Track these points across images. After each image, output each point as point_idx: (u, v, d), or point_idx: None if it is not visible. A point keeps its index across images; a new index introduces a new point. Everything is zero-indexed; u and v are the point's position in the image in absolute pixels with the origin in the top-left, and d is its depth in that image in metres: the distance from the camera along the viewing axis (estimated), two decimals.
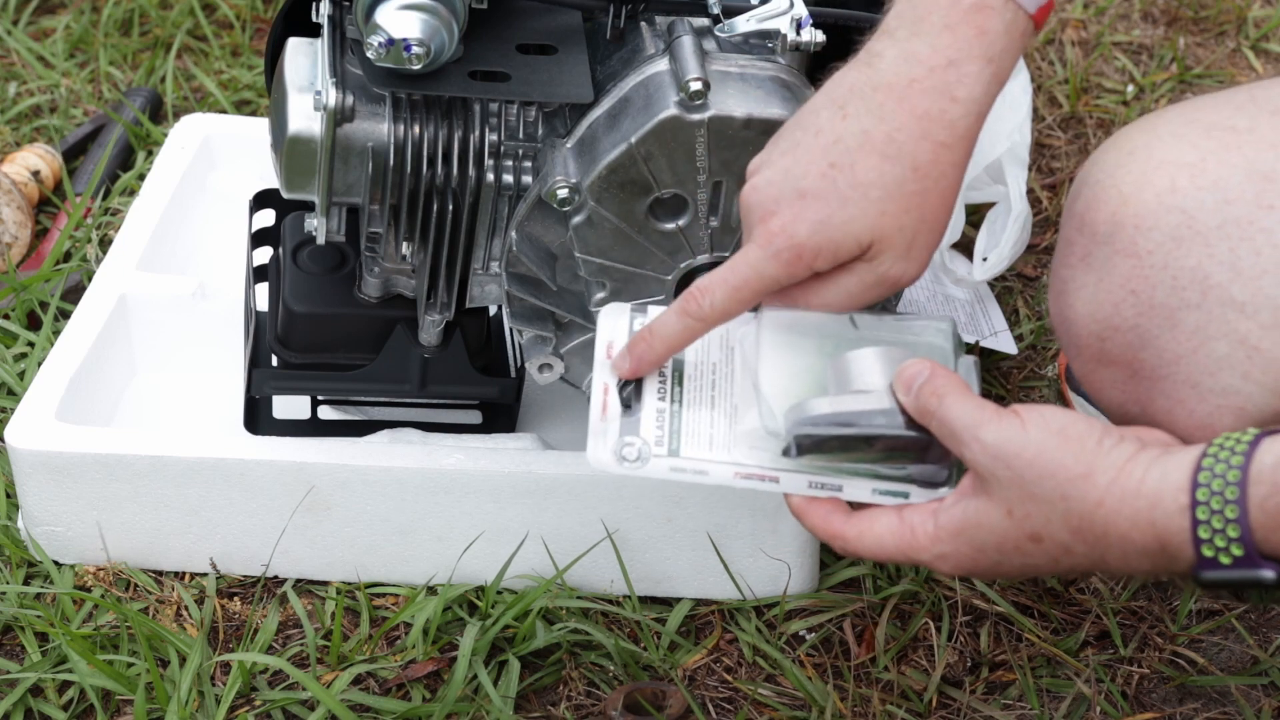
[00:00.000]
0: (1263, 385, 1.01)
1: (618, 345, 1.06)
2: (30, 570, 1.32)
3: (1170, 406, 1.04)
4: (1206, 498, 0.88)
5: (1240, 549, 0.87)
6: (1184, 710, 1.26)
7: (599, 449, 1.02)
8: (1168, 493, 0.89)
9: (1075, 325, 1.06)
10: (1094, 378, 1.08)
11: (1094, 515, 0.91)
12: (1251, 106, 1.04)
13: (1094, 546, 0.92)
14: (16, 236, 1.64)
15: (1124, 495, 0.91)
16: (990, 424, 0.94)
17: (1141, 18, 2.05)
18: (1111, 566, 0.93)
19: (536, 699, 1.25)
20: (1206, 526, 0.88)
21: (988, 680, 1.27)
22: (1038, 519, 0.93)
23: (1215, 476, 0.88)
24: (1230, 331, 1.00)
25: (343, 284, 1.31)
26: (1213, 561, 0.88)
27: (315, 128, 1.19)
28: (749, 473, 1.00)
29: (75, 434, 1.30)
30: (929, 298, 1.54)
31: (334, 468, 1.28)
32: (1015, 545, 0.95)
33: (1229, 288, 1.00)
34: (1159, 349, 1.03)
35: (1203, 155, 1.02)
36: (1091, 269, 1.05)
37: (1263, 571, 0.87)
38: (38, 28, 1.99)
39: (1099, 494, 0.91)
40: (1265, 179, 1.00)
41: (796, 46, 1.21)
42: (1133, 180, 1.03)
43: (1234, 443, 0.89)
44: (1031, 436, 0.93)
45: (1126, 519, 0.90)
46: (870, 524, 1.00)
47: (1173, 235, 1.01)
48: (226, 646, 1.28)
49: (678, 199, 1.20)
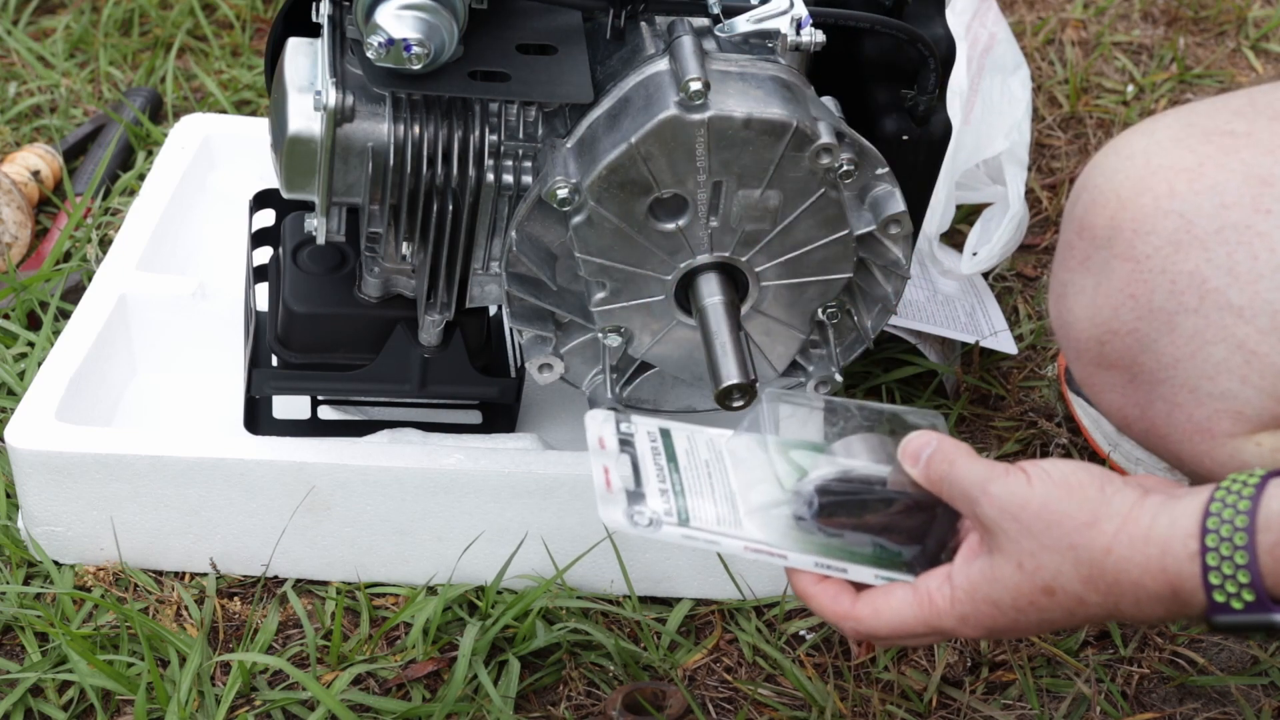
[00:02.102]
0: (1260, 389, 1.01)
1: (608, 439, 1.06)
2: (30, 570, 1.32)
3: (1168, 410, 1.04)
4: (1216, 544, 0.88)
5: (1251, 594, 0.88)
6: (1184, 710, 1.26)
7: (611, 512, 1.02)
8: (1177, 539, 0.90)
9: (1074, 329, 1.07)
10: (1093, 381, 1.08)
11: (1104, 563, 0.92)
12: (1250, 111, 1.04)
13: (1107, 595, 0.92)
14: (16, 236, 1.64)
15: (1133, 542, 0.91)
16: (998, 479, 0.95)
17: (1141, 18, 2.05)
18: (1126, 614, 0.93)
19: (536, 699, 1.25)
20: (1217, 573, 0.88)
21: (988, 680, 1.27)
22: (1048, 570, 0.94)
23: (1224, 523, 0.88)
24: (1228, 336, 1.00)
25: (343, 284, 1.31)
26: (1225, 606, 0.88)
27: (315, 128, 1.19)
28: (758, 548, 1.01)
29: (75, 434, 1.30)
30: (928, 298, 1.54)
31: (334, 468, 1.28)
32: (1030, 600, 0.95)
33: (1226, 292, 1.00)
34: (1157, 353, 1.03)
35: (1200, 160, 1.02)
36: (1090, 273, 1.05)
37: (1274, 616, 0.88)
38: (38, 28, 1.99)
39: (1106, 541, 0.92)
40: (1263, 183, 1.00)
41: (796, 46, 1.21)
42: (1131, 185, 1.03)
43: (1240, 486, 0.90)
44: (1036, 490, 0.94)
45: (1138, 566, 0.91)
46: (885, 599, 1.00)
47: (1171, 240, 1.01)
48: (226, 646, 1.28)
49: (678, 199, 1.20)
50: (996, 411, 1.50)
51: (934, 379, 1.51)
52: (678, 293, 1.24)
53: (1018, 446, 1.46)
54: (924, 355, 1.50)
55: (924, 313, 1.51)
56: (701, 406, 1.35)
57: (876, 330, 1.30)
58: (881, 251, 1.26)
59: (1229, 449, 1.05)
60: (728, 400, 1.18)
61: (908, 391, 1.50)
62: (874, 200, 1.23)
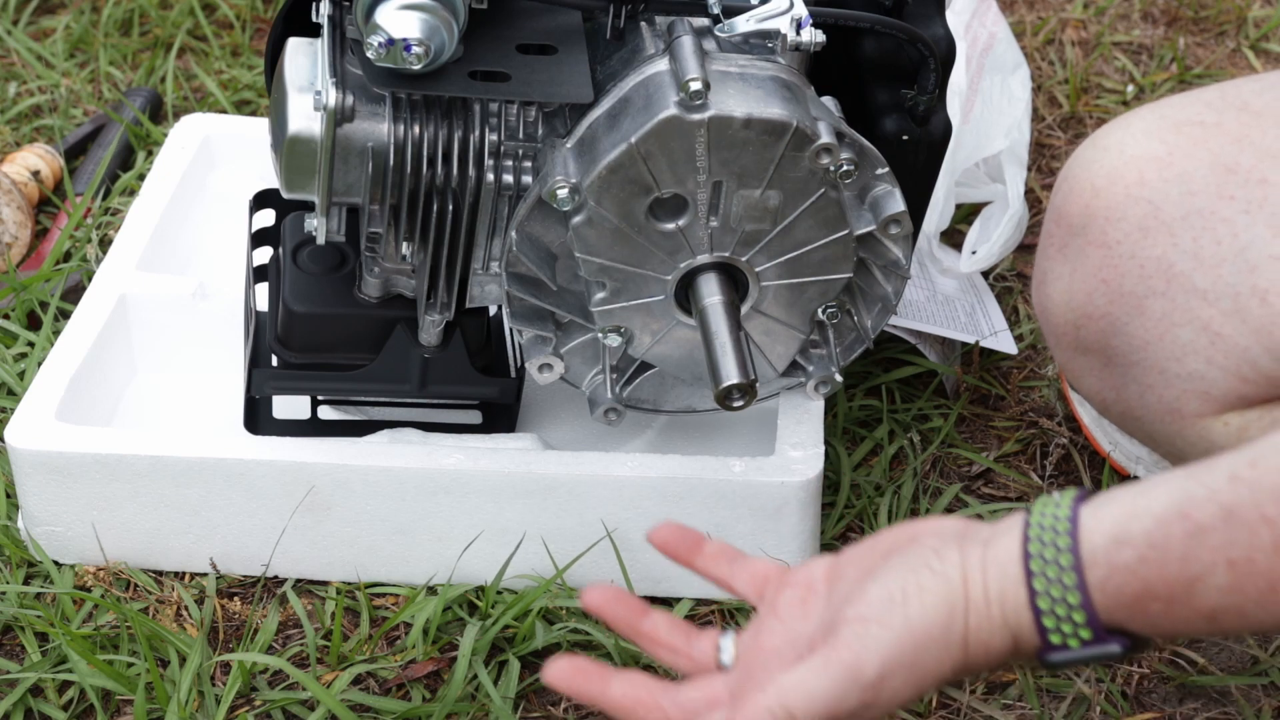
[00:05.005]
0: (1225, 369, 1.04)
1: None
2: (30, 570, 1.32)
3: (1141, 392, 1.07)
4: (1044, 588, 0.86)
5: (1089, 632, 0.86)
6: (1184, 710, 1.26)
7: None
8: (1010, 590, 0.87)
9: (1053, 314, 1.10)
10: (1072, 365, 1.11)
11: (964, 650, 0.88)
12: (1220, 103, 1.08)
13: (961, 670, 0.89)
14: (16, 236, 1.64)
15: (979, 610, 0.87)
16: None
17: (1141, 18, 2.05)
18: (976, 673, 0.91)
19: (536, 699, 1.25)
20: (1050, 616, 0.86)
21: (988, 680, 1.27)
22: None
23: (1047, 563, 0.86)
24: (1194, 318, 1.03)
25: (343, 284, 1.31)
26: (1062, 646, 0.86)
27: (315, 128, 1.19)
28: None
29: (75, 434, 1.30)
30: (928, 298, 1.54)
31: (334, 468, 1.28)
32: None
33: (1192, 276, 1.03)
34: (1128, 336, 1.06)
35: (1170, 150, 1.05)
36: (1067, 260, 1.08)
37: (1110, 647, 0.86)
38: (38, 28, 1.99)
39: (960, 630, 0.88)
40: (1228, 171, 1.03)
41: (796, 46, 1.21)
42: (1105, 174, 1.06)
43: (1052, 520, 0.87)
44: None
45: (987, 633, 0.87)
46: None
47: (1140, 226, 1.05)
48: (226, 646, 1.28)
49: (678, 199, 1.20)
50: (996, 411, 1.50)
51: (934, 379, 1.51)
52: (678, 293, 1.24)
53: (1018, 446, 1.46)
54: (924, 355, 1.50)
55: (924, 312, 1.51)
56: (701, 406, 1.35)
57: (876, 330, 1.30)
58: (881, 251, 1.26)
59: (1198, 429, 1.07)
60: (728, 400, 1.18)
61: (908, 391, 1.50)
62: (874, 200, 1.23)
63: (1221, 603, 0.84)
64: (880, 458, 1.43)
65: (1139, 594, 0.84)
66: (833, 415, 1.44)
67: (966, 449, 1.45)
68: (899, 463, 1.44)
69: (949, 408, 1.49)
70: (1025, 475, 1.43)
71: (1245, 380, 1.04)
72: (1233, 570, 0.83)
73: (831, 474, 1.39)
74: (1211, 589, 0.83)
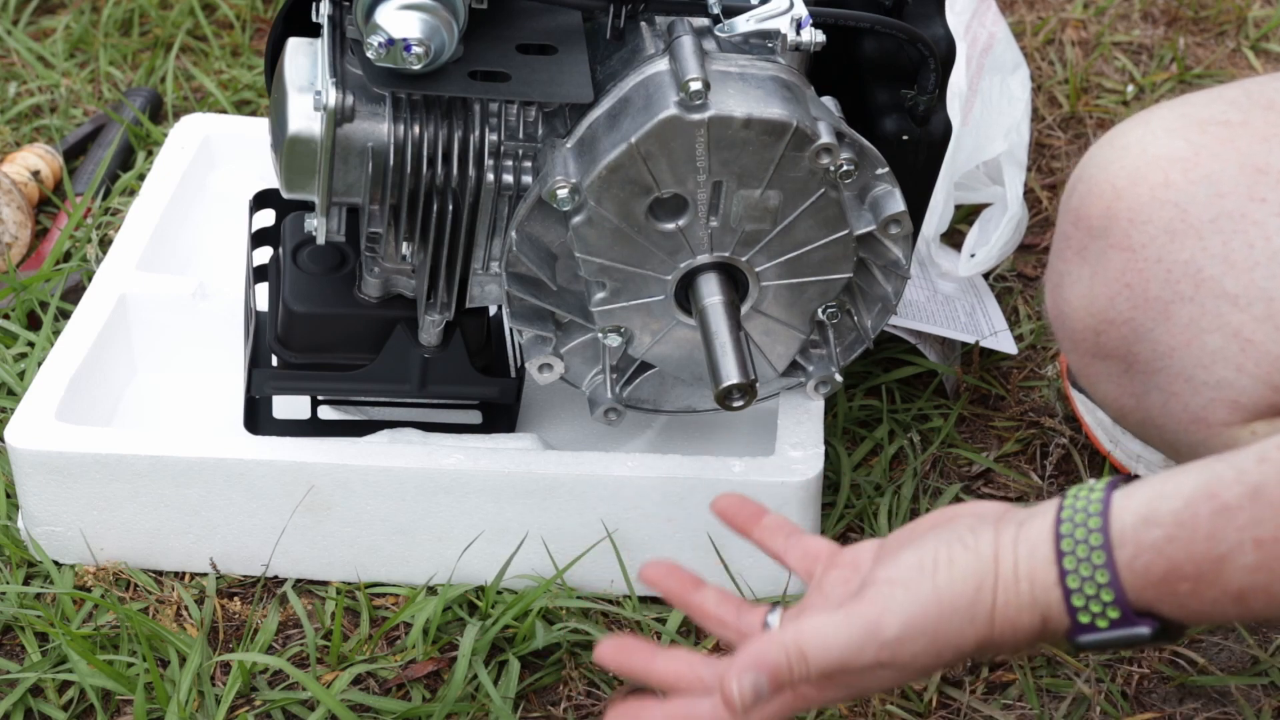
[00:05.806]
0: (1256, 378, 1.01)
1: None
2: (30, 570, 1.32)
3: (1164, 399, 1.04)
4: (1074, 566, 0.87)
5: (1117, 611, 0.86)
6: (1184, 710, 1.26)
7: None
8: (1040, 568, 0.88)
9: (1070, 319, 1.07)
10: (1089, 371, 1.09)
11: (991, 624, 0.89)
12: (1245, 101, 1.04)
13: (985, 648, 0.90)
14: (16, 236, 1.64)
15: (1007, 587, 0.89)
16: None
17: (1141, 18, 2.05)
18: (1001, 651, 0.91)
19: (536, 699, 1.25)
20: (1080, 595, 0.87)
21: (988, 680, 1.27)
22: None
23: (1078, 543, 0.87)
24: (1224, 324, 1.01)
25: (343, 284, 1.31)
26: (1090, 627, 0.87)
27: (315, 128, 1.19)
28: None
29: (75, 434, 1.30)
30: (928, 298, 1.54)
31: (334, 468, 1.28)
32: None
33: (1222, 280, 1.00)
34: (1153, 342, 1.03)
35: (1196, 150, 1.02)
36: (1086, 263, 1.05)
37: (1139, 629, 0.87)
38: (38, 28, 1.99)
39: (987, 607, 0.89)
40: (1258, 172, 1.01)
41: (796, 46, 1.21)
42: (1127, 175, 1.03)
43: (1085, 503, 0.88)
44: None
45: (1015, 609, 0.89)
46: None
47: (1166, 229, 1.02)
48: (226, 646, 1.28)
49: (678, 199, 1.20)
50: (996, 411, 1.50)
51: (934, 379, 1.51)
52: (678, 293, 1.24)
53: (1018, 446, 1.46)
54: (924, 355, 1.50)
55: (924, 313, 1.51)
56: (701, 406, 1.35)
57: (876, 330, 1.30)
58: (881, 251, 1.26)
59: (1225, 438, 1.05)
60: (728, 400, 1.18)
61: (908, 391, 1.50)
62: (874, 200, 1.23)
63: (1249, 582, 0.84)
64: (880, 458, 1.43)
65: (1166, 573, 0.85)
66: (833, 415, 1.44)
67: (966, 449, 1.45)
68: (899, 463, 1.44)
69: (949, 408, 1.49)
70: (1025, 475, 1.43)
71: (1276, 388, 1.01)
72: (1260, 549, 0.83)
73: (831, 474, 1.39)
74: (1239, 568, 0.84)
